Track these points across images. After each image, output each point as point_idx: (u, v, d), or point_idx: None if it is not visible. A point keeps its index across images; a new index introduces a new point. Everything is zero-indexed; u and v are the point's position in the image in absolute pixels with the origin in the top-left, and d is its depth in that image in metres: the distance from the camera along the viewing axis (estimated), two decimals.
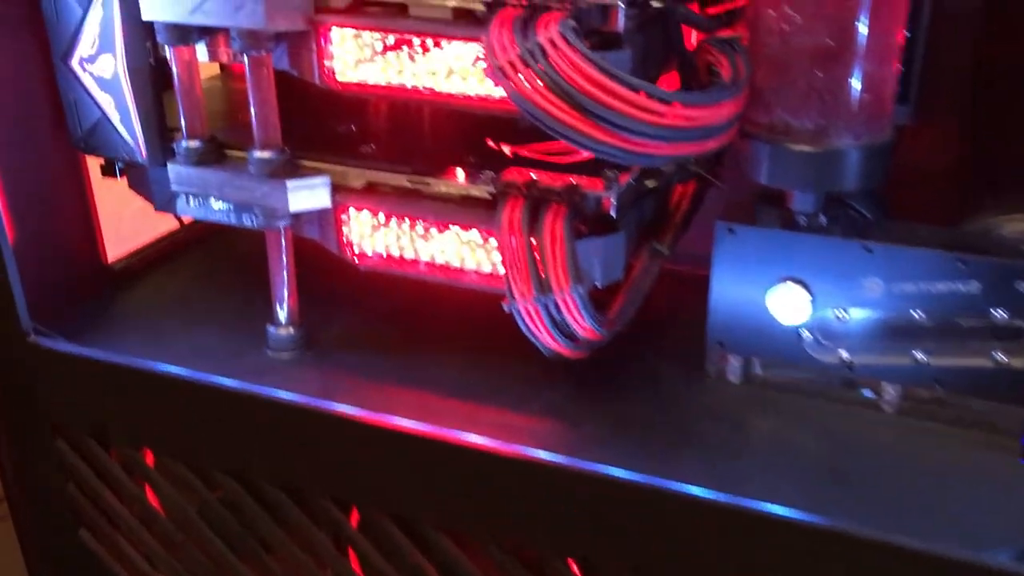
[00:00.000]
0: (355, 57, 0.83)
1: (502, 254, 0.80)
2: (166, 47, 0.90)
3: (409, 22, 0.81)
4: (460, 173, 0.87)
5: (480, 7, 0.77)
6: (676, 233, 0.95)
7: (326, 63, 0.84)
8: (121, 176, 1.00)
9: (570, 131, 0.69)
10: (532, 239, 0.79)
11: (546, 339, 0.81)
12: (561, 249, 0.77)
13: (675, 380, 0.92)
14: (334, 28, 0.82)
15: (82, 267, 0.99)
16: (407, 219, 0.87)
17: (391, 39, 0.81)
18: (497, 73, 0.70)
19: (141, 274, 1.07)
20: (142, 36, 0.88)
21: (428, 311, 1.01)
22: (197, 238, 1.22)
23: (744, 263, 0.85)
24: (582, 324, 0.79)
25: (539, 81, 0.69)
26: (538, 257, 0.79)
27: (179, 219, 1.23)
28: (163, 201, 1.00)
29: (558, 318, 0.79)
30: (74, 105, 0.92)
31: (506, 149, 0.92)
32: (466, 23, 0.80)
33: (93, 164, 0.99)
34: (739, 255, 0.84)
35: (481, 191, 0.84)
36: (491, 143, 0.94)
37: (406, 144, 0.95)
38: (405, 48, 0.81)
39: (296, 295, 0.95)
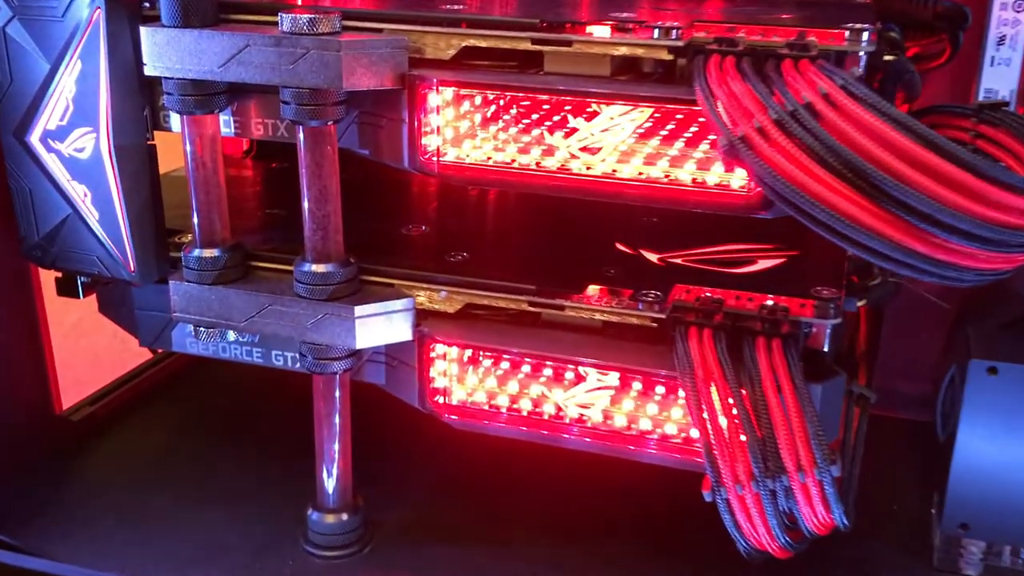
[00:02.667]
0: (466, 130, 0.58)
1: (693, 412, 0.54)
2: (173, 116, 0.63)
3: (549, 79, 0.56)
4: (599, 291, 0.61)
5: (664, 54, 0.53)
6: (870, 369, 0.70)
7: (423, 140, 0.58)
8: (85, 295, 0.75)
9: (860, 231, 0.44)
10: (742, 389, 0.54)
11: (763, 537, 0.54)
12: (796, 408, 0.52)
13: (895, 574, 0.66)
14: (440, 88, 0.56)
15: (27, 422, 0.77)
16: (520, 359, 0.61)
17: (518, 103, 0.56)
18: (736, 147, 0.46)
19: (108, 426, 0.84)
20: (137, 101, 0.62)
21: (534, 476, 0.74)
22: (181, 370, 0.93)
23: (1011, 417, 0.60)
24: (824, 517, 0.53)
25: (810, 155, 0.44)
26: (754, 418, 0.53)
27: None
28: (152, 332, 0.72)
29: (786, 507, 0.53)
30: (29, 198, 0.69)
31: (651, 256, 0.67)
32: (634, 80, 0.56)
33: (47, 278, 0.76)
34: (1004, 405, 0.60)
35: (643, 317, 0.59)
36: (624, 247, 0.69)
37: (508, 250, 0.70)
38: (539, 117, 0.56)
39: (350, 464, 0.67)
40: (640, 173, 0.57)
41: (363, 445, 0.68)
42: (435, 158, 0.59)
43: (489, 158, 0.59)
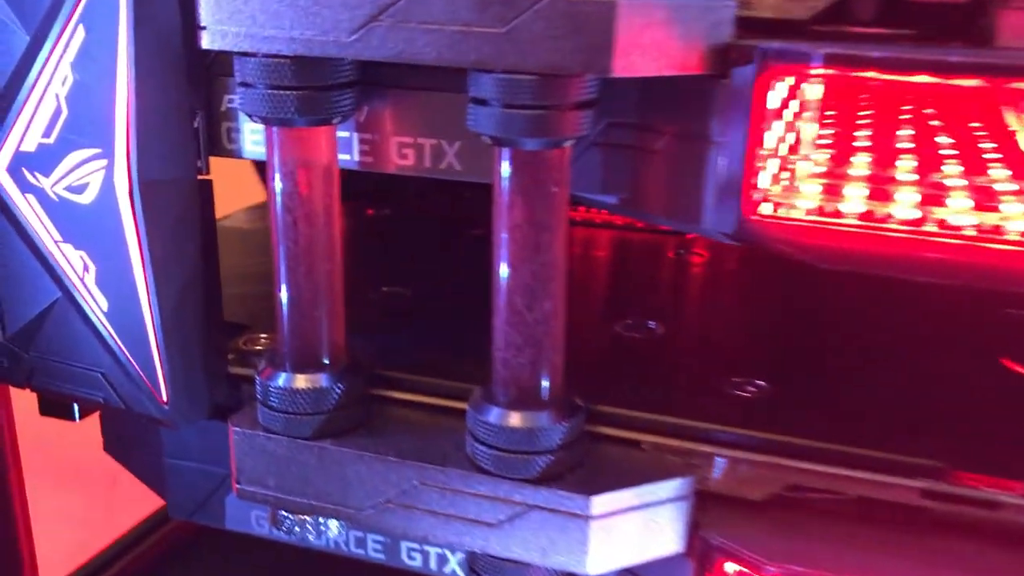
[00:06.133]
0: (843, 162, 0.29)
1: None
2: (247, 128, 0.35)
3: None
4: None
5: None
6: None
7: (758, 179, 0.29)
8: (83, 416, 0.50)
9: None
10: None
11: None
12: None
13: None
14: (813, 74, 0.28)
15: None
16: None
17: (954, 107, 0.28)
18: None
19: None
20: (182, 102, 0.33)
21: None
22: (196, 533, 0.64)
23: None
24: None
25: None
26: None
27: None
28: (191, 498, 0.45)
29: None
30: None
31: None
32: None
33: (24, 400, 0.53)
34: None
35: None
36: None
37: (829, 373, 0.42)
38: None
39: None
40: None
41: None
42: (778, 213, 0.30)
43: (884, 217, 0.30)
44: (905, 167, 0.31)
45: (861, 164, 0.31)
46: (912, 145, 0.31)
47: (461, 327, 0.44)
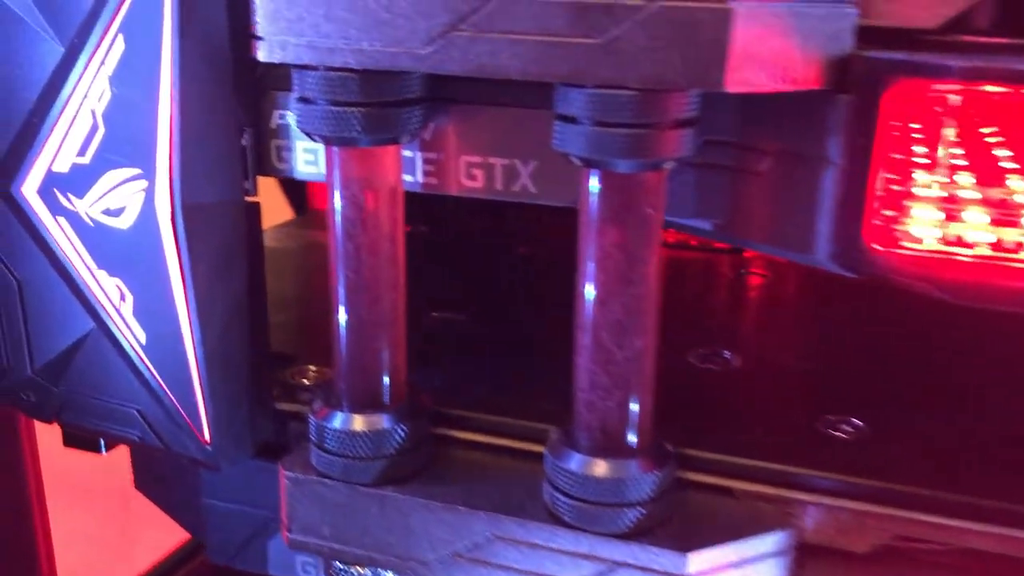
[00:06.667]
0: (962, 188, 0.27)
1: None
2: (300, 148, 0.32)
3: None
4: None
5: None
6: None
7: (879, 204, 0.26)
8: (109, 449, 0.49)
9: None
10: None
11: None
12: None
13: None
14: (951, 89, 0.25)
15: None
16: None
17: None
18: None
19: None
20: (230, 119, 0.30)
21: None
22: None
23: None
24: None
25: None
26: None
27: None
28: (231, 541, 0.42)
29: None
30: (17, 297, 0.40)
31: None
32: None
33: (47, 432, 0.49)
34: None
35: None
36: None
37: (932, 407, 0.39)
38: None
39: None
40: None
41: None
42: (905, 243, 0.27)
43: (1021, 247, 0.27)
44: None
45: (1000, 189, 0.28)
46: None
47: (526, 356, 0.42)
